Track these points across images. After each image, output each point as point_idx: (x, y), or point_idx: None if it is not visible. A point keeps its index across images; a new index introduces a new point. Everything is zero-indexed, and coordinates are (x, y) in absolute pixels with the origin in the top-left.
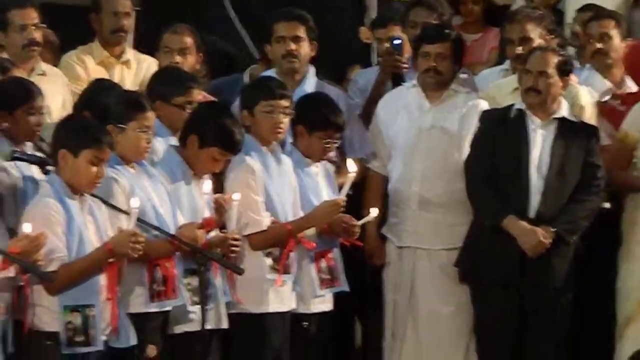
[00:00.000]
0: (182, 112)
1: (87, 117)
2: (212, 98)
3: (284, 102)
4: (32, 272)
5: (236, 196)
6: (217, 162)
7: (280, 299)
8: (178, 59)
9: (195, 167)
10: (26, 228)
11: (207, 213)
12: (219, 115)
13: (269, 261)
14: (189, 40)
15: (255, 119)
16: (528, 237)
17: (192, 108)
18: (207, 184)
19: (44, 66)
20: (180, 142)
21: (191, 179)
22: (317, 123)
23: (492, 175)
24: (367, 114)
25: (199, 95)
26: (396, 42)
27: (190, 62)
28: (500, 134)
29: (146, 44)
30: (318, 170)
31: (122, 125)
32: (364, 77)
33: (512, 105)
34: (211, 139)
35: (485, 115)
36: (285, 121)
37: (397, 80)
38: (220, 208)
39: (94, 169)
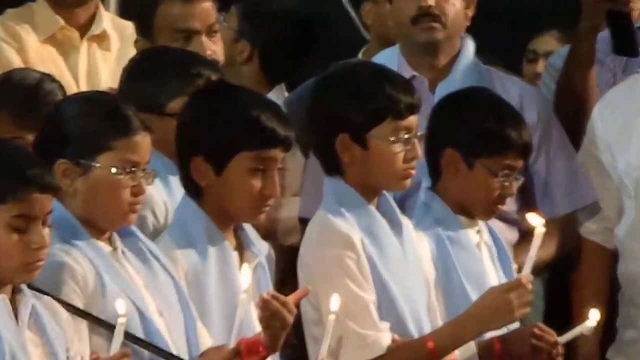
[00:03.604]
0: None
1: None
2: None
3: (413, 120)
4: None
5: (335, 302)
6: (254, 186)
7: None
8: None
9: (222, 217)
10: None
11: (252, 324)
12: (225, 103)
13: None
14: (211, 12)
15: (367, 151)
16: None
17: None
18: (246, 273)
19: None
20: (182, 180)
21: (227, 248)
22: (486, 145)
23: None
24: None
25: None
26: None
27: (217, 45)
28: None
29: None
30: (481, 239)
31: (85, 162)
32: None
33: None
34: (229, 143)
35: None
36: (418, 153)
37: (628, 45)
38: (276, 317)
39: (14, 237)
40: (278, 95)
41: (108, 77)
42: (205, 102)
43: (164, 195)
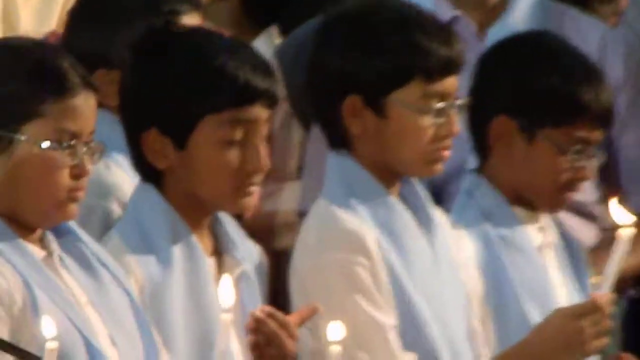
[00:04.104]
0: None
1: None
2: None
3: (451, 83)
4: None
5: (338, 329)
6: (229, 160)
7: None
8: None
9: (191, 208)
10: None
11: (233, 356)
12: (178, 53)
13: None
14: None
15: (384, 120)
16: None
17: None
18: (227, 287)
19: None
20: (134, 162)
21: (198, 252)
22: (551, 110)
23: None
24: None
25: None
26: None
27: None
28: None
29: None
30: (545, 239)
31: (4, 133)
32: None
33: None
34: (189, 105)
35: None
36: (455, 128)
37: None
38: (273, 343)
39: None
40: (266, 42)
41: (29, 17)
42: (152, 55)
43: (133, 177)
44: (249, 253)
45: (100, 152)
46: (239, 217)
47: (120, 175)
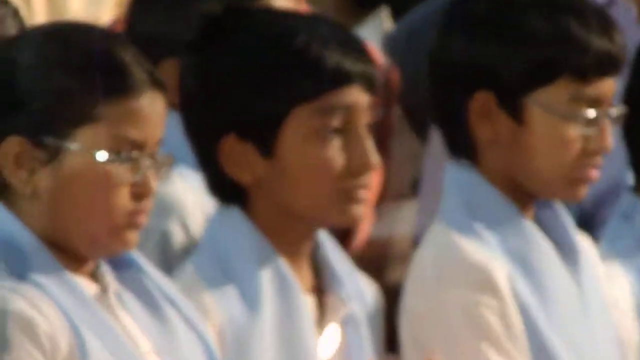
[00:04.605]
0: None
1: None
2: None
3: (608, 86)
4: None
5: None
6: (331, 159)
7: None
8: None
9: (283, 232)
10: None
11: None
12: (250, 38)
13: None
14: None
15: (520, 126)
16: None
17: None
18: (331, 336)
19: None
20: (209, 181)
21: (295, 289)
22: None
23: None
24: None
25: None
26: None
27: None
28: None
29: None
30: None
31: (53, 140)
32: None
33: None
34: (274, 98)
35: None
36: (609, 142)
37: None
38: None
39: None
40: (374, 28)
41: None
42: (217, 42)
43: (203, 195)
44: (358, 291)
45: (168, 166)
46: (345, 246)
47: (184, 189)
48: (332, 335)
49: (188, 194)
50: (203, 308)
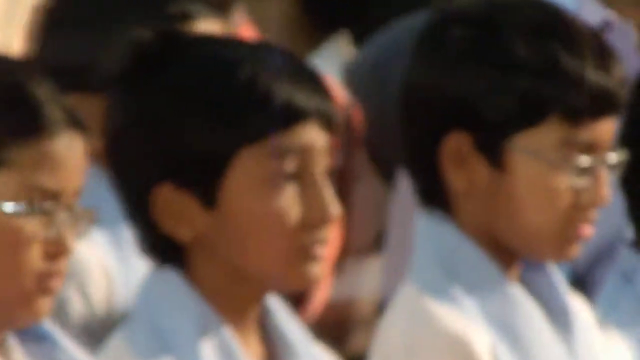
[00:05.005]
0: None
1: None
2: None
3: (605, 128)
4: None
5: None
6: (285, 210)
7: None
8: None
9: (229, 295)
10: None
11: None
12: (187, 69)
13: None
14: None
15: (500, 172)
16: None
17: None
18: None
19: None
20: (142, 236)
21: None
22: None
23: None
24: None
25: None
26: None
27: None
28: None
29: None
30: None
31: None
32: None
33: None
34: (212, 141)
35: None
36: (606, 195)
37: None
38: None
39: None
40: (332, 53)
41: None
42: (151, 73)
43: (110, 253)
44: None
45: (89, 221)
46: (300, 310)
47: (87, 249)
48: None
49: (91, 255)
50: None
